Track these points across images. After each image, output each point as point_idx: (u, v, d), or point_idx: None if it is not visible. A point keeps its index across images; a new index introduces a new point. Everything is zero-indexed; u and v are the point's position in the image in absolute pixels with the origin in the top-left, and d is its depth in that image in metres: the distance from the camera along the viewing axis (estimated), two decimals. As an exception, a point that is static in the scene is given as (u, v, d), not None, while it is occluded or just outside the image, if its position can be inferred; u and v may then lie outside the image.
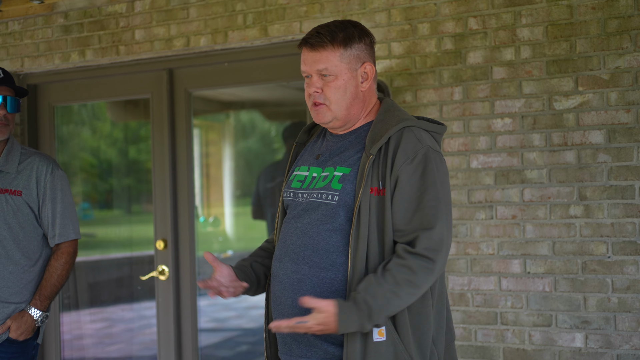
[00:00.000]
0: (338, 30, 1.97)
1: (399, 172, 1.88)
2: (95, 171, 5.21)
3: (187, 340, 4.14)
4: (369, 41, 2.02)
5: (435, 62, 3.36)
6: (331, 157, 2.02)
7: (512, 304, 3.22)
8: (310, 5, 3.60)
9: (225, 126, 4.93)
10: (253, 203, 4.48)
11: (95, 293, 4.99)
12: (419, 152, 1.89)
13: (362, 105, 2.02)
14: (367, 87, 2.01)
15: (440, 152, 1.95)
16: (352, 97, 1.98)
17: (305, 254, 1.96)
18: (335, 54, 1.95)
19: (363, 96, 2.01)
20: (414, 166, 1.88)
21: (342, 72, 1.96)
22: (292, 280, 1.97)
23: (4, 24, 4.40)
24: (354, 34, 1.97)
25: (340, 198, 1.93)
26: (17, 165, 2.78)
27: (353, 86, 1.98)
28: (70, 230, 2.82)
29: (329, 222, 1.94)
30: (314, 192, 1.99)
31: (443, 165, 1.94)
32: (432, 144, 1.94)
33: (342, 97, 1.98)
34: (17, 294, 2.73)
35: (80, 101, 4.66)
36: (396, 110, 1.99)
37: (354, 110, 2.01)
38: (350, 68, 1.97)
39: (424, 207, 1.87)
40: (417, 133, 1.92)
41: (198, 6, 3.87)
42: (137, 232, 4.93)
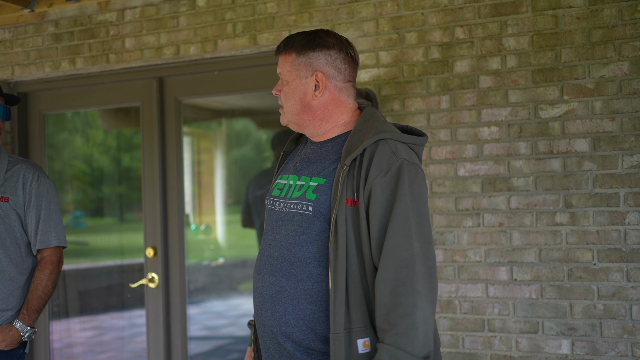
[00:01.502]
0: (299, 38, 1.99)
1: (372, 185, 1.85)
2: (87, 179, 5.21)
3: (176, 348, 4.14)
4: (335, 52, 1.99)
5: (423, 71, 3.38)
6: (308, 166, 2.02)
7: (499, 311, 3.24)
8: (299, 15, 3.63)
9: (218, 134, 4.94)
10: (242, 211, 4.49)
11: (85, 301, 4.98)
12: (393, 165, 1.85)
13: (320, 114, 2.00)
14: (325, 97, 1.99)
15: (416, 164, 1.90)
16: (301, 104, 1.99)
17: (282, 265, 1.96)
18: (288, 59, 1.99)
19: (320, 106, 1.99)
20: (387, 179, 1.84)
21: (292, 79, 1.99)
22: (271, 292, 1.97)
23: (-6, 32, 4.42)
24: (311, 43, 1.98)
25: (314, 208, 1.92)
26: (4, 172, 2.79)
27: (301, 93, 1.98)
28: (52, 237, 2.82)
29: (305, 233, 1.94)
30: (290, 202, 1.99)
31: (418, 177, 1.89)
32: (409, 156, 1.90)
33: (291, 102, 2.00)
34: (3, 301, 2.73)
35: (71, 109, 4.67)
36: (375, 121, 1.96)
37: (307, 118, 2.01)
38: (300, 75, 1.98)
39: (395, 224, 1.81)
40: (392, 146, 1.88)
41: (188, 15, 3.89)
42: (128, 240, 4.93)
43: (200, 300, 4.71)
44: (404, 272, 1.78)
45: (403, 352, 1.74)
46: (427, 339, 1.77)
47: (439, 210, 3.36)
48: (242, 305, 4.93)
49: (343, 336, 1.84)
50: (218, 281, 4.95)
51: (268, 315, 1.98)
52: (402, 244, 1.79)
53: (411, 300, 1.76)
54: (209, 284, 4.87)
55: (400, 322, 1.75)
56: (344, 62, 1.99)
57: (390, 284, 1.78)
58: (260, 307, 2.01)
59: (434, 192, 3.37)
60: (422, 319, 1.76)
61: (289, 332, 1.95)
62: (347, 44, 2.02)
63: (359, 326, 1.85)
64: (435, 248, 3.35)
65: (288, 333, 1.95)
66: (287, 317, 1.94)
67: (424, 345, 1.77)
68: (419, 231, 1.82)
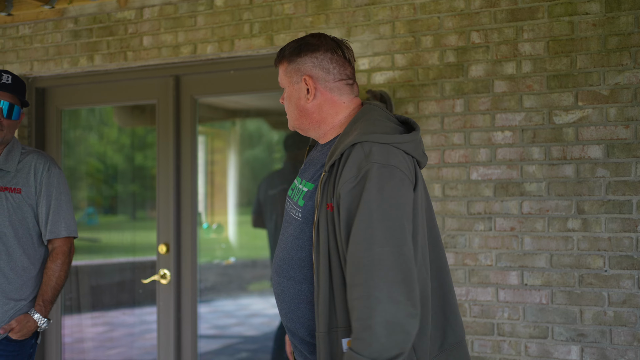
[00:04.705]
0: (288, 47, 2.05)
1: (340, 190, 1.84)
2: (101, 176, 5.24)
3: (186, 346, 4.16)
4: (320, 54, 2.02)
5: (438, 74, 3.40)
6: (307, 169, 2.08)
7: (509, 315, 3.24)
8: (316, 16, 3.65)
9: (231, 134, 4.97)
10: (253, 211, 4.51)
11: (97, 297, 5.01)
12: (361, 169, 1.82)
13: (317, 116, 2.04)
14: (318, 99, 2.03)
15: (392, 166, 1.83)
16: (297, 109, 2.05)
17: (284, 267, 2.04)
18: (282, 69, 2.07)
19: (315, 108, 2.03)
20: (354, 184, 1.82)
21: (287, 85, 2.06)
22: (278, 290, 2.07)
23: (14, 27, 4.46)
24: (297, 49, 2.03)
25: (303, 215, 1.99)
26: (16, 163, 2.83)
27: (296, 99, 2.04)
28: (61, 227, 2.85)
29: (299, 238, 2.00)
30: (292, 206, 2.06)
31: (393, 180, 1.82)
32: (384, 158, 1.83)
33: (290, 109, 2.07)
34: (17, 290, 2.76)
35: (88, 105, 4.71)
36: (364, 121, 1.95)
37: (305, 122, 2.06)
38: (292, 81, 2.04)
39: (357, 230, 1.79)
40: (366, 148, 1.84)
41: (206, 14, 3.93)
42: (140, 238, 4.96)
43: (210, 299, 4.73)
44: (361, 277, 1.75)
45: (358, 356, 1.73)
46: (393, 342, 1.73)
47: (450, 213, 3.37)
48: (252, 305, 4.95)
49: (327, 335, 1.88)
50: (228, 281, 4.97)
51: (280, 311, 2.09)
52: (360, 250, 1.77)
53: (367, 303, 1.73)
54: (219, 283, 4.89)
55: (357, 325, 1.75)
56: (331, 62, 2.01)
57: (350, 290, 1.78)
58: (276, 302, 2.11)
59: (446, 195, 3.38)
60: (381, 323, 1.72)
61: (293, 328, 2.05)
62: (336, 43, 2.04)
63: (344, 326, 1.87)
64: (446, 251, 3.36)
65: (293, 330, 2.06)
66: (290, 315, 2.04)
67: (387, 349, 1.73)
68: (385, 235, 1.77)
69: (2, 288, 2.73)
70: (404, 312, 1.74)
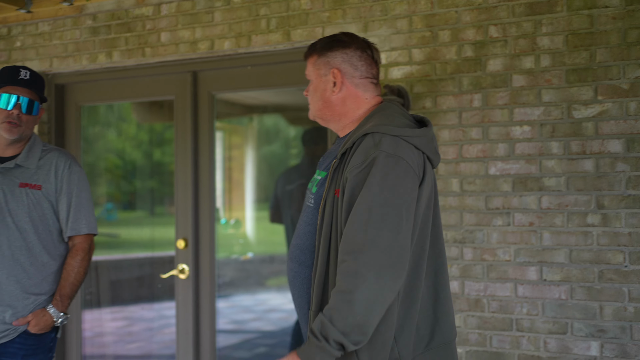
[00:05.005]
0: (320, 42, 2.16)
1: (347, 175, 1.93)
2: (120, 172, 5.28)
3: (205, 341, 4.19)
4: (351, 50, 2.11)
5: (456, 69, 3.38)
6: (324, 161, 2.17)
7: (528, 310, 3.23)
8: (333, 11, 3.65)
9: (249, 130, 4.98)
10: (271, 206, 4.52)
11: (116, 291, 5.06)
12: (369, 156, 1.90)
13: (339, 109, 2.13)
14: (343, 92, 2.11)
15: (399, 157, 1.90)
16: (321, 100, 2.14)
17: (296, 253, 2.12)
18: (311, 61, 2.17)
19: (339, 101, 2.12)
20: (360, 170, 1.90)
21: (314, 77, 2.15)
22: (290, 276, 2.15)
23: (34, 24, 4.50)
24: (329, 44, 2.13)
25: (314, 201, 2.09)
26: (37, 160, 2.86)
27: (321, 90, 2.13)
28: (82, 224, 2.87)
29: (311, 224, 2.09)
30: (307, 195, 2.16)
31: (397, 168, 1.89)
32: (392, 148, 1.91)
33: (315, 99, 2.15)
34: (37, 285, 2.79)
35: (106, 101, 4.74)
36: (378, 116, 2.03)
37: (328, 113, 2.14)
38: (320, 74, 2.13)
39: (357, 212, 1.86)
40: (376, 138, 1.93)
41: (223, 10, 3.93)
42: (159, 234, 4.99)
43: (228, 294, 4.75)
44: (351, 256, 1.83)
45: (330, 325, 1.80)
46: (363, 323, 1.79)
47: (469, 208, 3.35)
48: (269, 300, 4.96)
49: (316, 314, 1.96)
50: (246, 276, 4.99)
51: (292, 297, 2.16)
52: (355, 231, 1.84)
53: (351, 280, 1.80)
54: (237, 278, 4.91)
55: (336, 297, 1.82)
56: (360, 60, 2.11)
57: (339, 265, 1.86)
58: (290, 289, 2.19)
59: (464, 190, 3.36)
60: (361, 301, 1.78)
61: (302, 311, 2.13)
62: (366, 44, 2.15)
63: None
64: (464, 246, 3.35)
65: (301, 312, 2.13)
66: (300, 299, 2.12)
67: (358, 328, 1.79)
68: (382, 220, 1.84)
69: (22, 283, 2.76)
70: (384, 295, 1.81)
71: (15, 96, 2.78)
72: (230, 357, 4.52)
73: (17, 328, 2.75)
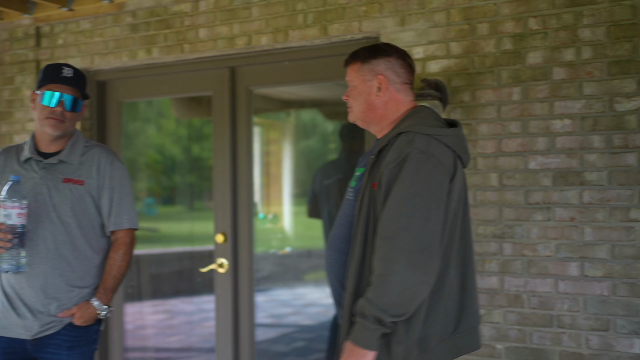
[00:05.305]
0: (362, 50, 2.36)
1: (384, 170, 2.13)
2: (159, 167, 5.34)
3: (244, 334, 4.22)
4: (393, 59, 2.32)
5: (494, 62, 3.34)
6: (363, 159, 2.39)
7: (569, 307, 3.18)
8: (370, 5, 3.64)
9: (286, 125, 5.00)
10: (309, 201, 4.53)
11: (157, 285, 5.13)
12: (402, 153, 2.11)
13: (382, 112, 2.33)
14: (386, 97, 2.31)
15: (431, 154, 2.10)
16: (366, 103, 2.32)
17: (335, 241, 2.35)
18: (354, 68, 2.35)
19: (381, 104, 2.32)
20: (395, 165, 2.11)
21: (358, 83, 2.33)
22: (328, 263, 2.38)
23: (75, 22, 4.58)
24: (373, 53, 2.34)
25: (354, 194, 2.31)
26: (79, 156, 2.90)
27: (366, 94, 2.32)
28: (124, 219, 2.91)
29: (350, 215, 2.30)
30: (347, 190, 2.38)
31: (428, 163, 2.09)
32: (424, 146, 2.11)
33: (358, 102, 2.34)
34: (80, 278, 2.85)
35: (146, 97, 4.80)
36: (412, 117, 2.26)
37: (370, 115, 2.34)
38: (364, 79, 2.32)
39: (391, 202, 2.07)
40: (410, 137, 2.13)
41: (260, 6, 3.95)
42: (198, 228, 5.04)
43: (266, 288, 4.79)
44: (386, 242, 2.05)
45: (369, 303, 2.03)
46: (401, 301, 2.02)
47: (508, 203, 3.32)
48: (307, 294, 4.99)
49: (352, 296, 2.17)
50: (284, 270, 5.02)
51: (330, 284, 2.38)
52: (390, 219, 2.06)
53: (386, 264, 2.03)
54: (275, 272, 4.94)
55: (374, 280, 2.04)
56: (401, 67, 2.32)
57: (376, 252, 2.07)
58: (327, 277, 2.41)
59: (504, 184, 3.33)
60: (397, 282, 2.01)
61: (338, 296, 2.34)
62: (404, 53, 2.36)
63: None
64: (503, 241, 3.31)
65: (338, 297, 2.34)
66: (337, 284, 2.33)
67: (396, 306, 2.02)
68: (414, 209, 2.04)
69: (66, 276, 2.82)
70: (417, 277, 2.02)
71: (58, 94, 2.82)
72: (269, 350, 4.56)
73: (63, 320, 2.81)
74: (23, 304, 2.80)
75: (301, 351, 4.69)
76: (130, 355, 4.73)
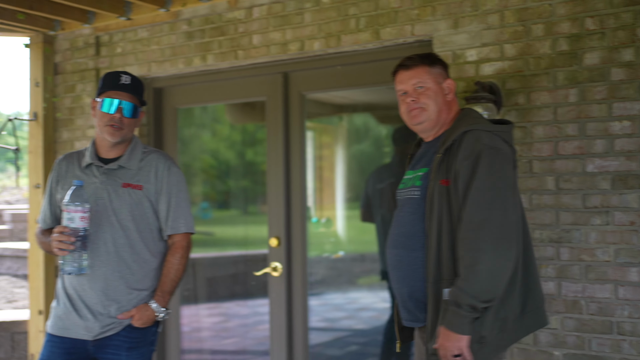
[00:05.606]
0: (424, 55, 2.58)
1: (458, 167, 2.35)
2: (214, 172, 5.41)
3: (298, 337, 4.25)
4: (445, 67, 2.61)
5: (550, 63, 3.29)
6: (419, 162, 2.58)
7: (630, 313, 3.10)
8: (422, 9, 3.62)
9: (338, 129, 5.01)
10: (362, 205, 4.52)
11: (212, 288, 5.20)
12: (474, 150, 2.34)
13: (448, 111, 2.56)
14: (450, 99, 2.57)
15: (497, 148, 2.36)
16: (436, 105, 2.53)
17: (401, 240, 2.52)
18: (424, 70, 2.54)
19: (448, 105, 2.56)
20: (469, 162, 2.33)
21: (432, 85, 2.53)
22: (394, 261, 2.55)
23: (133, 31, 4.69)
24: (434, 58, 2.60)
25: (421, 192, 2.47)
26: (138, 162, 2.97)
27: (440, 95, 2.54)
28: (181, 224, 2.97)
29: (415, 213, 2.48)
30: (406, 190, 2.57)
31: (498, 157, 2.35)
32: (491, 142, 2.36)
33: (433, 102, 2.53)
34: (139, 281, 2.91)
35: (201, 103, 4.88)
36: (468, 118, 2.50)
37: (443, 115, 2.55)
38: (437, 81, 2.55)
39: (471, 196, 2.30)
40: (476, 135, 2.38)
41: (312, 11, 3.98)
42: (252, 232, 5.08)
43: (319, 292, 4.80)
44: (471, 233, 2.27)
45: (461, 292, 2.27)
46: (490, 287, 2.26)
47: (565, 206, 3.26)
48: (361, 299, 4.97)
49: (434, 285, 2.39)
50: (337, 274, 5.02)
51: (395, 280, 2.56)
52: (473, 212, 2.29)
53: (473, 254, 2.25)
54: (328, 276, 4.95)
55: (463, 270, 2.28)
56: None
57: (461, 243, 2.30)
58: (390, 274, 2.61)
59: (560, 188, 3.27)
60: (484, 270, 2.24)
61: (409, 292, 2.50)
62: None
63: (447, 278, 2.36)
64: (560, 245, 3.25)
65: (408, 293, 2.50)
66: (407, 280, 2.49)
67: (486, 292, 2.26)
68: (493, 201, 2.28)
69: (126, 278, 2.89)
70: (502, 264, 2.26)
71: (117, 100, 2.90)
72: (323, 354, 4.56)
73: (122, 322, 2.88)
74: (85, 306, 2.88)
75: (355, 355, 4.68)
76: (186, 357, 4.81)
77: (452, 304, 2.28)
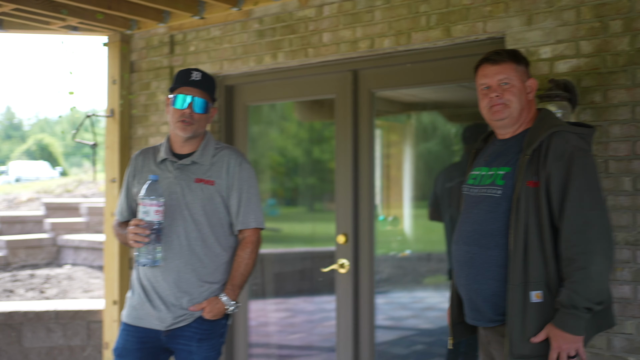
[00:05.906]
0: (511, 52, 2.60)
1: (550, 169, 2.37)
2: (282, 169, 5.46)
3: (364, 335, 4.25)
4: (528, 65, 2.64)
5: (628, 60, 3.20)
6: (496, 159, 2.57)
7: None
8: (495, 5, 3.57)
9: (407, 127, 4.98)
10: (430, 204, 4.49)
11: (279, 284, 5.26)
12: (566, 152, 2.37)
13: (528, 111, 2.59)
14: (531, 100, 2.60)
15: (586, 150, 2.42)
16: (520, 103, 2.56)
17: (475, 237, 2.52)
18: (511, 67, 2.56)
19: (529, 104, 2.59)
20: (563, 163, 2.36)
21: (517, 82, 2.56)
22: (465, 258, 2.55)
23: (206, 30, 4.78)
24: (521, 56, 2.62)
25: (503, 192, 2.47)
26: (211, 157, 3.04)
27: (523, 93, 2.57)
28: (251, 219, 3.01)
29: (493, 212, 2.49)
30: (482, 188, 2.56)
31: (588, 160, 2.41)
32: (579, 144, 2.41)
33: (517, 100, 2.55)
34: (211, 274, 2.98)
35: (271, 101, 4.93)
36: (550, 119, 2.52)
37: (524, 113, 2.58)
38: (521, 80, 2.57)
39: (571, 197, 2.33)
40: (564, 136, 2.41)
41: (383, 9, 3.97)
42: (319, 229, 5.12)
43: (385, 290, 4.79)
44: (579, 235, 2.31)
45: (577, 295, 2.30)
46: (601, 289, 2.32)
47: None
48: (427, 298, 4.94)
49: (520, 286, 2.39)
50: (403, 273, 5.00)
51: (463, 277, 2.57)
52: (577, 214, 2.32)
53: (584, 257, 2.29)
54: (394, 275, 4.93)
55: (576, 274, 2.31)
56: None
57: (569, 245, 2.32)
58: (457, 271, 2.62)
59: (637, 189, 3.17)
60: (596, 272, 2.29)
61: (480, 289, 2.51)
62: None
63: (534, 281, 2.39)
64: (636, 249, 3.16)
65: (480, 291, 2.51)
66: (479, 277, 2.50)
67: (598, 294, 2.31)
68: (592, 202, 2.33)
69: (197, 271, 2.96)
70: (608, 264, 2.32)
71: (188, 96, 2.97)
72: (388, 353, 4.56)
73: (193, 313, 2.95)
74: (158, 297, 2.96)
75: (420, 355, 4.66)
76: (254, 350, 4.88)
77: (569, 306, 2.32)
